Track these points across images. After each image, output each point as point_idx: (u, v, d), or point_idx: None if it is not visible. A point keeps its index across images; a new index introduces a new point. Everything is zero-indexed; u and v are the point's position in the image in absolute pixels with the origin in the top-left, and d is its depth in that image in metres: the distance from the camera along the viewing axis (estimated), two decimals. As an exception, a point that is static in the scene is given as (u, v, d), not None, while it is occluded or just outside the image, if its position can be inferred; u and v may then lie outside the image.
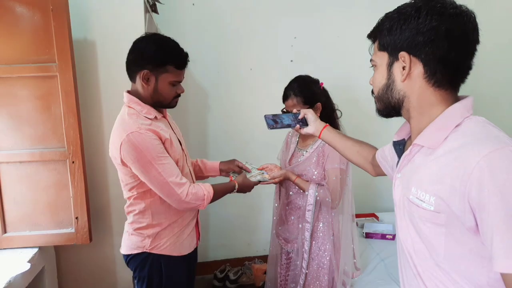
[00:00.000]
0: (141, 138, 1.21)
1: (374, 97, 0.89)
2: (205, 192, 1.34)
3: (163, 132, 1.29)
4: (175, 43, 1.31)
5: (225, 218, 2.75)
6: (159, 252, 1.36)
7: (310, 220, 1.60)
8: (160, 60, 1.25)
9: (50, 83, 1.62)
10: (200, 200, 1.32)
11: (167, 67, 1.27)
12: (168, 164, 1.26)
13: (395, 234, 2.28)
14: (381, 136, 2.88)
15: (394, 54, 0.78)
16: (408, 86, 0.78)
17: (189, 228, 1.44)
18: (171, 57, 1.27)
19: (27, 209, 1.69)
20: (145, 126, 1.24)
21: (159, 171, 1.22)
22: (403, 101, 0.80)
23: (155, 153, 1.22)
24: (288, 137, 1.85)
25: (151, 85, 1.28)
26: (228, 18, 2.55)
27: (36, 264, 1.68)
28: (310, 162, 1.62)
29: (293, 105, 1.59)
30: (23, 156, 1.65)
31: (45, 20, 1.58)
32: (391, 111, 0.85)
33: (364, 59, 2.93)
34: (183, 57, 1.30)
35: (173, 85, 1.31)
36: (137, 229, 1.35)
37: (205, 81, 2.58)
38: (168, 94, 1.31)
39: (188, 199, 1.28)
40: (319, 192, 1.57)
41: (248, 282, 2.61)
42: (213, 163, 1.69)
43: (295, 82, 1.64)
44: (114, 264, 1.99)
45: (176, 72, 1.29)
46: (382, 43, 0.81)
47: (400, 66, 0.78)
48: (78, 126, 1.66)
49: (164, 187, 1.25)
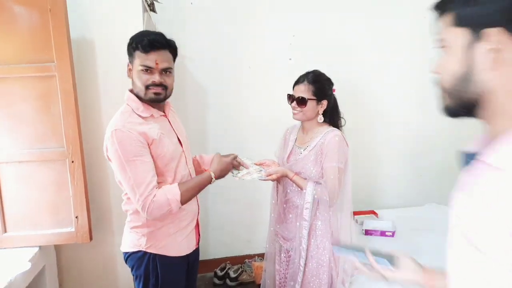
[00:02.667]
0: (121, 136, 1.21)
1: (441, 90, 0.67)
2: (169, 197, 1.25)
3: (151, 131, 1.26)
4: (148, 31, 1.32)
5: (225, 216, 2.76)
6: (155, 251, 1.35)
7: (308, 218, 1.59)
8: (130, 47, 1.26)
9: (48, 83, 1.62)
10: (166, 206, 1.24)
11: (135, 52, 1.25)
12: (142, 168, 1.22)
13: (394, 231, 2.29)
14: (381, 135, 2.90)
15: (477, 30, 0.58)
16: (495, 76, 0.58)
17: (188, 230, 1.43)
18: (135, 41, 1.24)
19: (27, 208, 1.69)
20: (130, 125, 1.23)
21: (128, 175, 1.21)
22: (484, 97, 0.60)
23: (131, 154, 1.20)
24: (287, 134, 1.84)
25: (131, 78, 1.29)
26: (227, 16, 2.55)
27: (37, 263, 1.68)
28: (308, 160, 1.62)
29: (302, 91, 1.60)
30: (22, 156, 1.65)
31: (43, 19, 1.58)
32: (462, 110, 0.65)
33: (364, 56, 2.95)
34: (147, 40, 1.22)
35: (144, 71, 1.25)
36: (134, 227, 1.36)
37: (203, 79, 2.58)
38: (140, 82, 1.26)
39: (149, 211, 1.23)
40: (317, 191, 1.56)
41: (248, 279, 2.62)
42: (210, 157, 1.65)
43: (312, 72, 1.65)
44: (114, 263, 2.00)
45: (142, 56, 1.23)
46: (461, 16, 0.60)
47: (485, 48, 0.57)
48: (77, 126, 1.66)
49: (131, 191, 1.24)
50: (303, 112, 1.61)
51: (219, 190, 2.66)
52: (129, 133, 1.21)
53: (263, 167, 1.65)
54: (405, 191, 2.96)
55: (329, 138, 1.58)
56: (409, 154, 2.95)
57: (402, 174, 2.95)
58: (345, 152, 1.59)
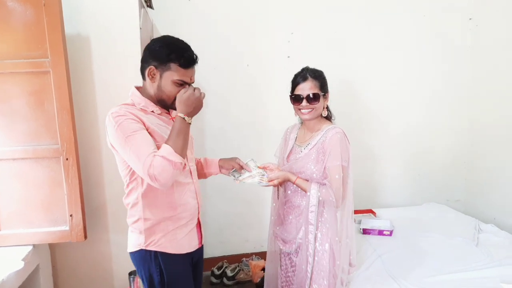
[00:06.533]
0: (118, 116, 1.23)
1: None
2: (163, 154, 1.20)
3: (147, 121, 1.27)
4: (183, 43, 1.31)
5: (222, 215, 2.74)
6: (154, 248, 1.34)
7: (314, 222, 1.52)
8: (164, 56, 1.26)
9: (42, 79, 1.60)
10: (167, 164, 1.18)
11: (170, 64, 1.27)
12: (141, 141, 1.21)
13: (392, 230, 2.28)
14: (379, 134, 2.89)
15: None
16: None
17: (187, 228, 1.41)
18: (175, 54, 1.26)
19: (21, 206, 1.67)
20: (128, 110, 1.25)
21: (131, 150, 1.20)
22: None
23: (130, 130, 1.21)
24: (287, 133, 1.79)
25: (156, 82, 1.30)
26: (224, 13, 2.53)
27: (30, 262, 1.66)
28: (309, 159, 1.56)
29: (311, 88, 1.54)
30: (16, 153, 1.63)
31: (37, 15, 1.56)
32: None
33: (362, 53, 2.93)
34: (187, 56, 1.28)
35: (178, 84, 1.30)
36: (132, 223, 1.35)
37: (201, 76, 2.55)
38: (171, 92, 1.30)
39: (156, 176, 1.18)
40: (322, 192, 1.50)
41: (245, 278, 2.60)
42: (214, 159, 1.65)
43: (308, 69, 1.59)
44: (110, 262, 1.98)
45: (180, 71, 1.28)
46: None
47: None
48: (72, 123, 1.64)
49: (136, 165, 1.21)
50: (315, 109, 1.55)
51: (217, 189, 2.65)
52: (126, 114, 1.24)
53: (266, 171, 1.60)
54: (403, 190, 2.96)
55: (330, 136, 1.52)
56: (407, 153, 2.94)
57: (400, 173, 2.94)
58: (347, 150, 1.53)
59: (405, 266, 1.87)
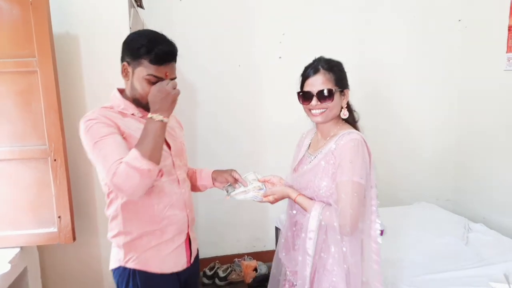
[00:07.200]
0: (90, 123, 1.13)
1: None
2: (127, 160, 1.05)
3: (124, 125, 1.17)
4: (158, 36, 1.18)
5: (214, 215, 2.73)
6: (133, 266, 1.22)
7: (311, 252, 1.20)
8: (135, 51, 1.15)
9: (30, 79, 1.57)
10: (131, 170, 1.04)
11: (141, 60, 1.15)
12: (110, 146, 1.09)
13: (383, 230, 2.29)
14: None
15: None
16: None
17: (174, 244, 1.27)
18: (145, 48, 1.13)
19: (7, 208, 1.64)
20: (103, 114, 1.16)
21: (98, 156, 1.10)
22: None
23: (98, 135, 1.10)
24: (301, 140, 1.46)
25: (129, 80, 1.20)
26: (216, 13, 2.52)
27: (18, 264, 1.63)
28: (318, 171, 1.24)
29: (323, 82, 1.23)
30: (2, 154, 1.59)
31: (24, 13, 1.53)
32: None
33: (355, 54, 2.94)
34: (159, 51, 1.13)
35: (150, 82, 1.15)
36: (112, 237, 1.26)
37: (193, 77, 2.55)
38: (143, 91, 1.17)
39: (121, 185, 1.06)
40: (325, 215, 1.18)
41: (237, 279, 2.59)
42: (208, 170, 1.50)
43: (322, 59, 1.30)
44: (99, 264, 1.95)
45: (151, 67, 1.14)
46: None
47: None
48: (60, 123, 1.62)
49: (103, 173, 1.10)
50: (329, 108, 1.24)
51: (208, 190, 2.63)
52: (97, 117, 1.14)
53: (267, 185, 1.37)
54: (394, 189, 2.97)
55: (343, 143, 1.20)
56: (398, 153, 2.96)
57: (390, 173, 2.96)
58: (364, 162, 1.19)
59: (396, 265, 1.87)
